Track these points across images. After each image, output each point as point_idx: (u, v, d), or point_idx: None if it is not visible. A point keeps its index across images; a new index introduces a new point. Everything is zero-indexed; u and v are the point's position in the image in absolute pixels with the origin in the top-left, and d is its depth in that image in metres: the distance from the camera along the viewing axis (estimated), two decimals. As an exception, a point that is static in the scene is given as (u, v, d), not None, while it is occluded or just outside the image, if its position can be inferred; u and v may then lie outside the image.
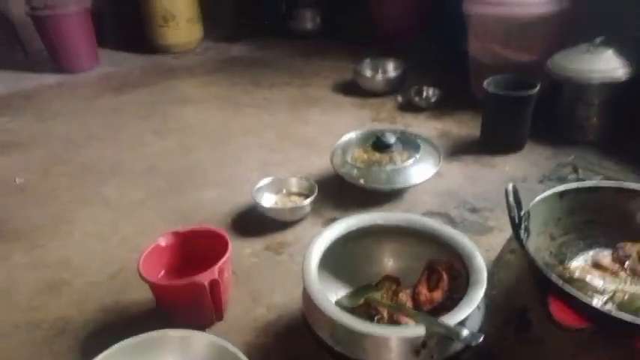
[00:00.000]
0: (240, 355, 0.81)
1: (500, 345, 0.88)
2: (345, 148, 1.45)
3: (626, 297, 0.83)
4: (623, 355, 0.76)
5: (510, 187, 0.88)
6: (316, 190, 1.31)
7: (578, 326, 0.82)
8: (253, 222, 1.29)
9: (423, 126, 1.73)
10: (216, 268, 0.95)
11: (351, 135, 1.49)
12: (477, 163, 1.51)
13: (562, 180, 1.34)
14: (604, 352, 0.76)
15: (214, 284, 0.95)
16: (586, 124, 1.52)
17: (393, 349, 0.79)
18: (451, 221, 1.27)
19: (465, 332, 0.71)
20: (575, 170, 1.40)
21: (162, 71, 2.36)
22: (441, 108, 1.84)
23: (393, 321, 0.90)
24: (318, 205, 1.32)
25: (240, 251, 1.19)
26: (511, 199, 0.86)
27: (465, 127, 1.70)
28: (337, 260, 1.01)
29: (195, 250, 1.05)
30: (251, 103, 2.00)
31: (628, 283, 0.88)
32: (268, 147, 1.67)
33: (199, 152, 1.67)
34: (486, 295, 0.97)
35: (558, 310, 0.85)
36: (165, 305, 1.00)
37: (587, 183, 1.00)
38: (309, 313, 0.89)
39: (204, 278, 0.93)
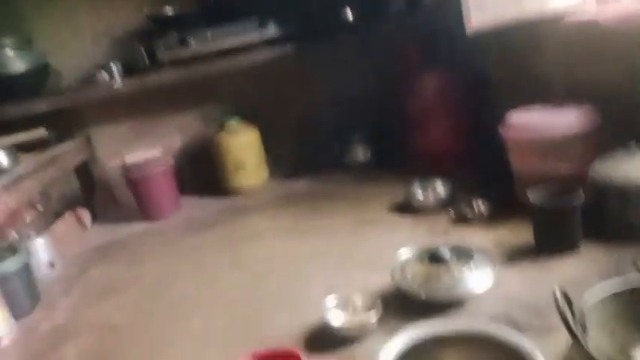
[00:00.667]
0: None
1: None
2: (403, 265, 1.56)
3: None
4: None
5: (558, 290, 0.95)
6: (380, 306, 1.41)
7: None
8: (325, 341, 1.39)
9: (476, 237, 1.81)
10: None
11: (408, 252, 1.61)
12: (534, 269, 1.55)
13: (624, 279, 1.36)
14: None
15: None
16: (636, 222, 1.56)
17: None
18: (515, 325, 1.31)
19: None
20: (638, 269, 1.41)
21: (235, 210, 2.63)
22: (492, 219, 1.93)
23: None
24: (383, 321, 1.40)
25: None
26: (561, 302, 0.93)
27: (518, 235, 1.76)
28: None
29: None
30: (314, 231, 2.18)
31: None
32: (332, 270, 1.80)
33: (271, 281, 1.83)
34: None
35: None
36: None
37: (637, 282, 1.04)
38: None
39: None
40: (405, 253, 1.61)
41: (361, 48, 2.97)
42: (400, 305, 1.48)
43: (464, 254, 1.52)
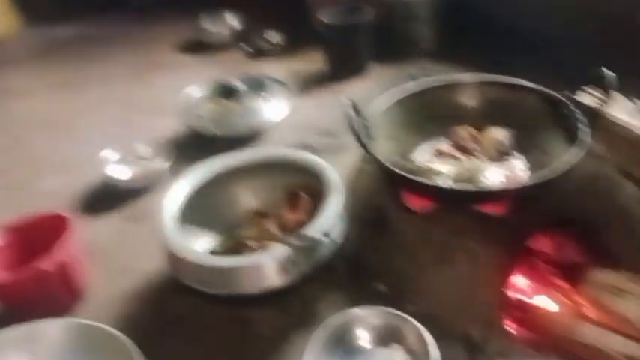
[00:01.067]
0: (100, 325, 0.76)
1: (365, 246, 0.91)
2: (194, 105, 1.40)
3: (465, 172, 0.90)
4: (465, 222, 0.82)
5: (347, 100, 0.89)
6: (171, 153, 1.25)
7: (427, 209, 0.88)
8: (108, 199, 1.21)
9: (271, 69, 1.71)
10: (58, 250, 0.87)
11: (198, 90, 1.44)
12: (328, 93, 1.54)
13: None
14: (450, 222, 0.83)
15: (61, 266, 0.87)
16: (420, 36, 1.61)
17: (262, 272, 0.80)
18: (312, 149, 1.29)
19: (323, 239, 0.72)
20: (415, 80, 1.48)
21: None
22: (287, 50, 1.84)
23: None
24: (177, 168, 1.26)
25: (98, 230, 1.11)
26: (348, 110, 0.88)
27: (313, 63, 1.71)
28: (202, 212, 0.98)
29: (39, 241, 0.93)
30: (88, 83, 1.84)
31: (465, 161, 0.95)
32: (113, 122, 1.56)
33: (36, 142, 1.52)
34: (349, 206, 1.02)
35: (409, 200, 0.91)
36: (14, 306, 0.89)
37: (417, 86, 1.05)
38: (174, 267, 0.86)
39: (47, 264, 0.85)
40: (196, 92, 1.44)
41: None
42: (196, 148, 1.34)
43: (258, 85, 1.41)
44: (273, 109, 1.35)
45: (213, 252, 0.94)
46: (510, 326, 0.81)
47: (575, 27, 1.38)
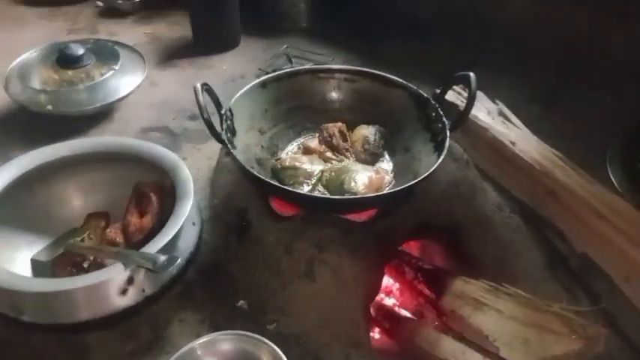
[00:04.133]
0: None
1: (225, 254, 0.82)
2: (24, 72, 1.16)
3: (332, 174, 0.84)
4: (330, 230, 0.77)
5: (199, 86, 0.77)
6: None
7: (291, 214, 0.81)
8: None
9: (129, 33, 1.50)
10: None
11: (30, 54, 1.20)
12: (192, 67, 1.38)
13: (277, 71, 1.32)
14: (315, 231, 0.76)
15: None
16: (293, 11, 1.50)
17: (94, 298, 0.67)
18: (170, 134, 1.15)
19: (161, 259, 0.61)
20: (289, 60, 1.39)
21: None
22: (149, 10, 1.62)
23: (102, 264, 0.76)
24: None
25: None
26: (201, 99, 0.76)
27: (178, 29, 1.53)
28: (23, 210, 0.81)
29: None
30: None
31: (334, 160, 0.90)
32: None
33: None
34: (210, 205, 0.91)
35: (275, 204, 0.83)
36: None
37: (285, 70, 0.97)
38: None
39: None
40: (25, 56, 1.19)
41: None
42: (24, 127, 1.12)
43: (107, 53, 1.21)
44: (125, 82, 1.17)
45: (37, 265, 0.77)
46: (375, 337, 0.79)
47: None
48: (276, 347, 0.66)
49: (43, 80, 1.14)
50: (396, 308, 0.87)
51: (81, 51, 1.14)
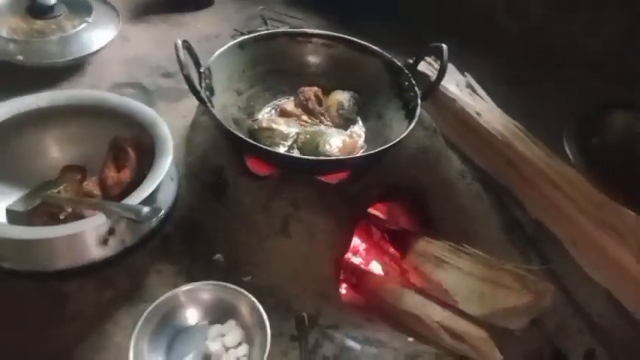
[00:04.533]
0: None
1: (201, 210, 0.85)
2: (-9, 19, 1.12)
3: (307, 137, 0.87)
4: (308, 190, 0.81)
5: (180, 42, 0.78)
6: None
7: (268, 174, 0.84)
8: None
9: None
10: None
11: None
12: (166, 23, 1.36)
13: (253, 33, 1.31)
14: (291, 191, 0.80)
15: None
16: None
17: (75, 246, 0.69)
18: (144, 90, 1.14)
19: (145, 210, 0.63)
20: (265, 22, 1.39)
21: None
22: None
23: (79, 215, 0.77)
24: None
25: None
26: (182, 55, 0.77)
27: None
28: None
29: None
30: None
31: (309, 124, 0.93)
32: None
33: None
34: (185, 163, 0.93)
35: (251, 164, 0.86)
36: None
37: (263, 32, 0.98)
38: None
39: None
40: (-7, 2, 1.15)
41: None
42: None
43: (79, 5, 1.17)
44: (98, 36, 1.15)
45: (12, 215, 0.78)
46: (344, 291, 0.85)
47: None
48: (253, 298, 0.71)
49: (12, 29, 1.11)
50: (363, 265, 0.92)
51: (53, 0, 1.11)
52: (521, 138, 0.95)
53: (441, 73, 0.83)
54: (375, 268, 0.93)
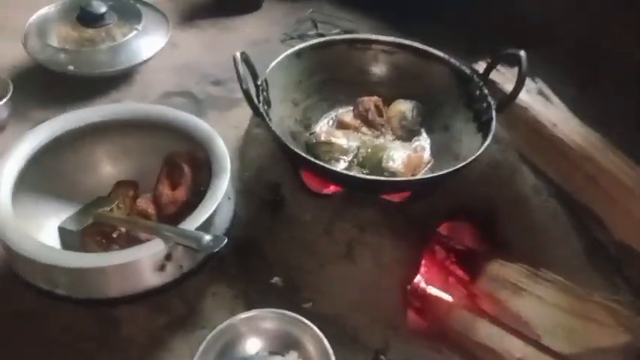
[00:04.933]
0: None
1: (258, 229, 0.80)
2: (43, 28, 1.11)
3: (369, 151, 0.82)
4: (373, 210, 0.75)
5: (238, 55, 0.73)
6: (11, 88, 0.98)
7: (329, 192, 0.79)
8: None
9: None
10: None
11: (49, 9, 1.15)
12: (214, 28, 1.33)
13: (303, 38, 1.27)
14: (356, 211, 0.75)
15: None
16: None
17: (130, 275, 0.65)
18: (194, 99, 1.11)
19: (206, 239, 0.59)
20: (315, 25, 1.34)
21: None
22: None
23: (133, 236, 0.74)
24: (18, 109, 1.01)
25: None
26: (240, 69, 0.72)
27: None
28: (50, 177, 0.78)
29: None
30: None
31: (370, 136, 0.87)
32: None
33: None
34: (239, 178, 0.88)
35: (310, 180, 0.81)
36: None
37: (321, 39, 0.93)
38: (10, 257, 0.67)
39: None
40: (44, 11, 1.14)
41: None
42: (42, 85, 1.08)
43: (129, 12, 1.15)
44: (147, 43, 1.12)
45: (65, 233, 0.75)
46: (412, 319, 0.78)
47: None
48: (316, 329, 0.65)
49: (62, 38, 1.09)
50: (429, 288, 0.86)
51: (103, 9, 1.09)
52: (601, 149, 0.87)
53: (521, 82, 0.75)
54: (443, 292, 0.86)
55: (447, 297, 0.85)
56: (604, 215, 0.84)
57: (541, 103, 0.96)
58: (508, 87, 0.95)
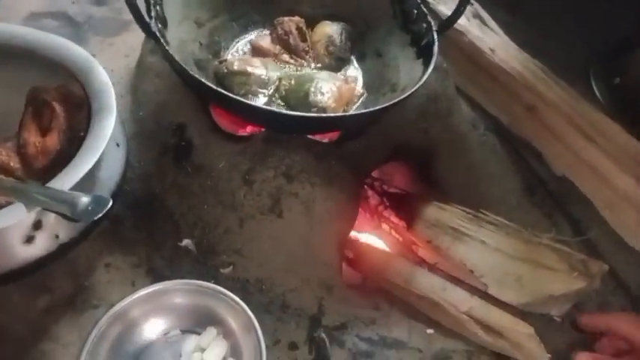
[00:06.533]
0: None
1: (161, 182, 0.66)
2: None
3: (292, 82, 0.68)
4: (300, 154, 0.63)
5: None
6: None
7: (246, 133, 0.66)
8: None
9: None
10: None
11: None
12: None
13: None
14: (281, 156, 0.62)
15: None
16: None
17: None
18: (70, 22, 0.90)
19: (83, 202, 0.44)
20: None
21: None
22: None
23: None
24: None
25: None
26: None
27: None
28: None
29: None
30: None
31: (292, 64, 0.73)
32: None
33: None
34: (133, 119, 0.72)
35: (222, 119, 0.66)
36: None
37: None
38: None
39: None
40: None
41: None
42: None
43: None
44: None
45: None
46: (347, 273, 0.70)
47: None
48: (240, 301, 0.54)
49: None
50: (362, 237, 0.77)
51: None
52: (542, 79, 0.80)
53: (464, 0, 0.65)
54: (377, 241, 0.78)
55: (382, 246, 0.77)
56: (544, 149, 0.79)
57: (477, 27, 0.87)
58: (441, 8, 0.86)
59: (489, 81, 0.83)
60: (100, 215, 0.43)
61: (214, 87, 0.58)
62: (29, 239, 0.50)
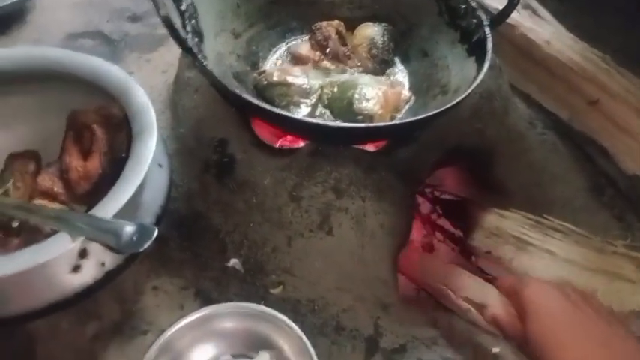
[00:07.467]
0: None
1: (205, 200, 0.63)
2: None
3: (335, 89, 0.65)
4: (348, 166, 0.60)
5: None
6: None
7: (291, 146, 0.63)
8: None
9: None
10: None
11: None
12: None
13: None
14: (328, 169, 0.59)
15: None
16: None
17: (34, 284, 0.48)
18: (107, 41, 0.89)
19: (128, 232, 0.42)
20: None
21: None
22: None
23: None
24: None
25: None
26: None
27: None
28: None
29: None
30: None
31: (334, 71, 0.70)
32: None
33: None
34: (174, 136, 0.70)
35: (264, 133, 0.64)
36: None
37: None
38: None
39: None
40: None
41: None
42: None
43: None
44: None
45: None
46: (403, 283, 0.65)
47: None
48: (292, 323, 0.51)
49: None
50: (420, 249, 0.73)
51: None
52: (604, 69, 0.74)
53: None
54: (427, 249, 0.73)
55: (437, 259, 0.72)
56: (610, 145, 0.73)
57: (528, 17, 0.81)
58: (488, 2, 0.81)
59: (546, 75, 0.77)
60: (145, 247, 0.41)
61: (254, 100, 0.55)
62: (75, 268, 0.48)
